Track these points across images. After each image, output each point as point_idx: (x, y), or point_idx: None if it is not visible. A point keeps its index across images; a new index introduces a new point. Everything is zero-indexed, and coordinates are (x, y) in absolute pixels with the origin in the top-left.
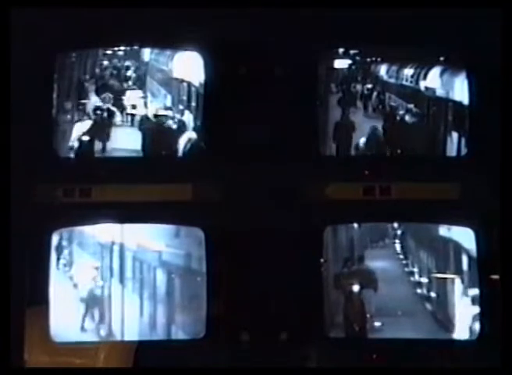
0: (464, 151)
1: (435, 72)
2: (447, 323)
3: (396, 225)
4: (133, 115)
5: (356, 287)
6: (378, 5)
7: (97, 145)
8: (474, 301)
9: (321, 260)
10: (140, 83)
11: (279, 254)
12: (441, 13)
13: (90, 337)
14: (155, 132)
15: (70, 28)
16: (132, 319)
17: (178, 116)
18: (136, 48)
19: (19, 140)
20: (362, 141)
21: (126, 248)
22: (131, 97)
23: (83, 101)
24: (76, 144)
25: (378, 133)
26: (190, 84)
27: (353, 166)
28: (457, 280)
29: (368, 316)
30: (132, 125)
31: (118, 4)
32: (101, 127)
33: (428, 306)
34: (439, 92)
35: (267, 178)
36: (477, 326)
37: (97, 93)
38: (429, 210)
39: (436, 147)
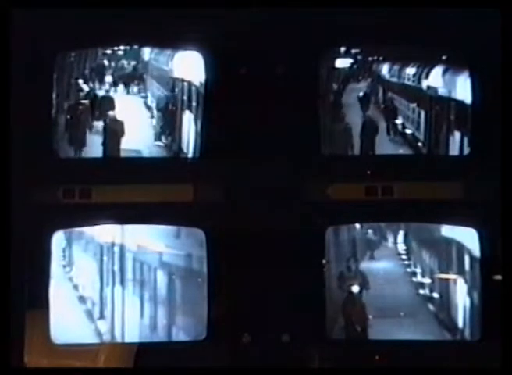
0: (466, 150)
1: (437, 71)
2: (449, 324)
3: (398, 225)
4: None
5: (357, 288)
6: (379, 5)
7: (97, 145)
8: (477, 301)
9: (323, 261)
10: (141, 83)
11: (280, 255)
12: (442, 12)
13: (90, 338)
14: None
15: (70, 28)
16: (132, 321)
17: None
18: (136, 47)
19: (19, 140)
20: (364, 140)
21: (126, 249)
22: (131, 96)
23: (82, 101)
24: (75, 145)
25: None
26: (190, 84)
27: (354, 166)
28: (460, 281)
29: (369, 317)
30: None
31: (118, 4)
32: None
33: (431, 307)
34: (442, 91)
35: (268, 178)
36: (479, 326)
37: (97, 92)
38: (432, 210)
39: (439, 146)
